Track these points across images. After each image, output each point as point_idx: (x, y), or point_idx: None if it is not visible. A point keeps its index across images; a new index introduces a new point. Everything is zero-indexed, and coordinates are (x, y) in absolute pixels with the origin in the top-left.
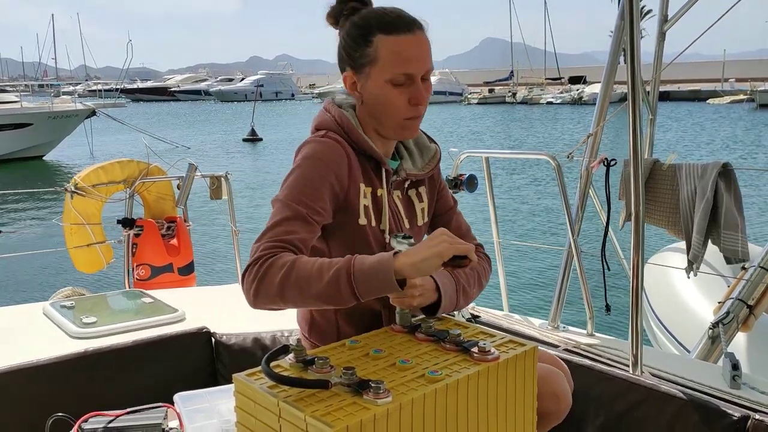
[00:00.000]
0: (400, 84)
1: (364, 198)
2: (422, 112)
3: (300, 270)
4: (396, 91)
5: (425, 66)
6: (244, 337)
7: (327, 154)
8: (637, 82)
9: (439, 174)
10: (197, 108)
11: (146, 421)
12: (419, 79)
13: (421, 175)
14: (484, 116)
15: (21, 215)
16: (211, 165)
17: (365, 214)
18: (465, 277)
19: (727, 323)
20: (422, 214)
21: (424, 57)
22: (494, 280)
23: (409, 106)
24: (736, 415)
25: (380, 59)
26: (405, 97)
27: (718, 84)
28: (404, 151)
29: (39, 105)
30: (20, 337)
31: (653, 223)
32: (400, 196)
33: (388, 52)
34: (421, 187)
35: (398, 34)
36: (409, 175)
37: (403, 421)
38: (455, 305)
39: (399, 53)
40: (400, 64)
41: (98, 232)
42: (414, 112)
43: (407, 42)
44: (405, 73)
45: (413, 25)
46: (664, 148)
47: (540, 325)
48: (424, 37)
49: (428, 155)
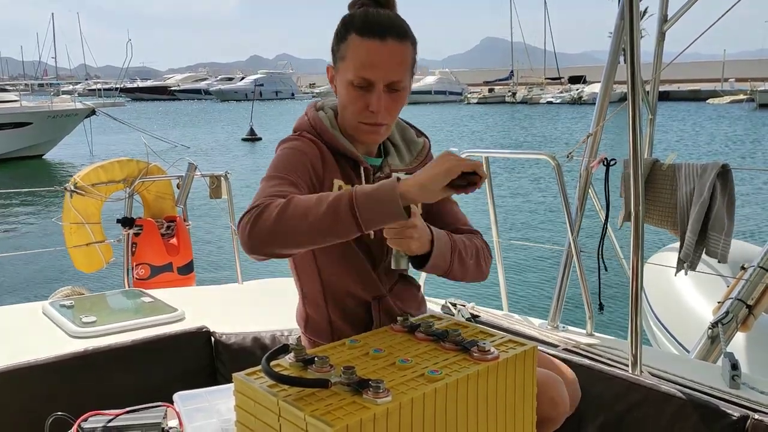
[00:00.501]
0: (360, 87)
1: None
2: (381, 121)
3: (298, 202)
4: (355, 93)
5: (387, 75)
6: (243, 336)
7: (302, 147)
8: (636, 81)
9: None
10: (197, 107)
11: (146, 420)
12: (380, 87)
13: (409, 170)
14: (483, 116)
15: (20, 214)
16: (210, 164)
17: None
18: (463, 245)
19: (726, 323)
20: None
21: (387, 66)
22: (494, 279)
23: (367, 112)
24: (736, 415)
25: (347, 58)
26: (363, 102)
27: (717, 84)
28: (391, 147)
29: (38, 104)
30: (20, 337)
31: (652, 224)
32: None
33: (353, 53)
34: None
35: (368, 38)
36: (394, 171)
37: (403, 420)
38: (448, 265)
39: (362, 56)
40: (360, 68)
41: (98, 232)
42: (371, 118)
43: (374, 47)
44: (363, 77)
45: (387, 33)
46: (665, 148)
47: (540, 324)
48: (397, 47)
49: (416, 149)
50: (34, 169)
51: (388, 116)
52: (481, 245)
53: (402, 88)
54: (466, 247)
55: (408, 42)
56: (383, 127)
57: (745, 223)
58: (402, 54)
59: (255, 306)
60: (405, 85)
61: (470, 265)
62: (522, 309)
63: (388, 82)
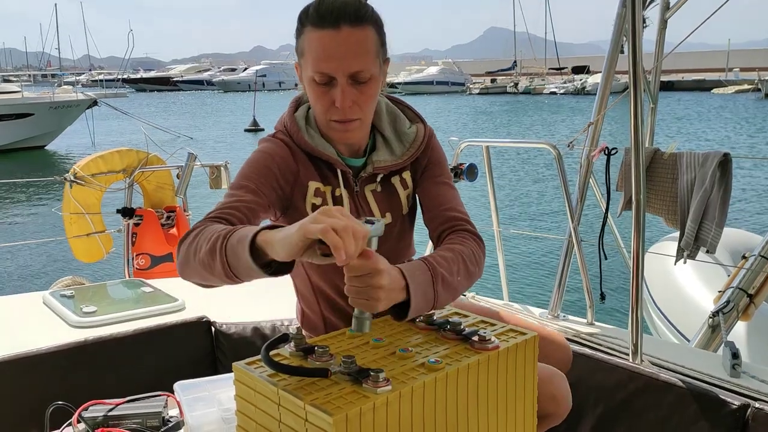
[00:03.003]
0: (323, 83)
1: (313, 197)
2: (351, 116)
3: (204, 233)
4: (319, 90)
5: (347, 66)
6: (243, 326)
7: (272, 149)
8: (638, 70)
9: (432, 151)
10: (199, 98)
11: (146, 409)
12: (343, 80)
13: (400, 163)
14: (484, 106)
15: (21, 205)
16: (212, 155)
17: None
18: (446, 264)
19: (727, 312)
20: (407, 200)
21: (345, 56)
22: (494, 269)
23: (334, 108)
24: (736, 404)
25: (306, 53)
26: (328, 98)
27: (722, 74)
28: (380, 141)
29: (40, 95)
30: (20, 326)
31: (650, 212)
32: (378, 190)
33: (309, 47)
34: (405, 173)
35: (321, 28)
36: (379, 168)
37: (403, 409)
38: (433, 303)
39: (317, 49)
40: (317, 62)
41: (98, 222)
42: (338, 115)
43: (328, 38)
44: (322, 72)
45: (341, 20)
46: (665, 138)
47: (540, 314)
48: (354, 33)
49: (407, 140)
50: (35, 159)
51: (358, 110)
52: (468, 247)
53: (368, 77)
54: (450, 265)
55: (367, 25)
56: (355, 122)
57: (747, 212)
58: (360, 40)
59: (255, 296)
60: (372, 73)
61: (459, 281)
62: (522, 298)
63: (349, 73)
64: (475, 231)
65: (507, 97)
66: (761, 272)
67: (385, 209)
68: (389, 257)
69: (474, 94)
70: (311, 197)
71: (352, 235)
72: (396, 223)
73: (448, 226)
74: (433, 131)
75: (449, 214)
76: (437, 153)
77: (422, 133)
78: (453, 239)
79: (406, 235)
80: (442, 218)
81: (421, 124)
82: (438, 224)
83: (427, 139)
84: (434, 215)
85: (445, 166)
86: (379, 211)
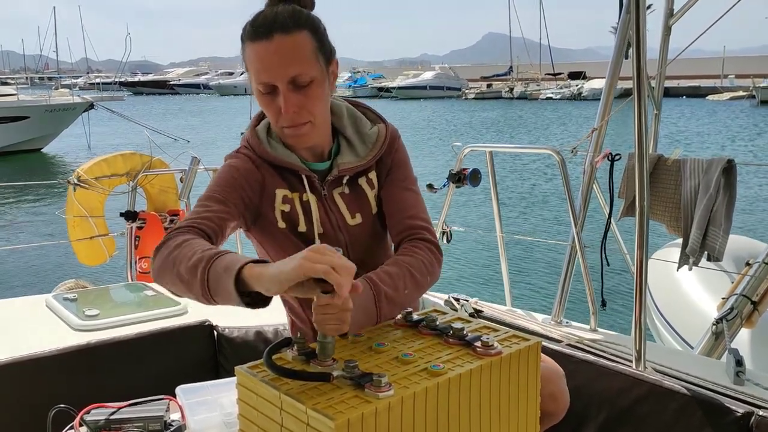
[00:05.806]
0: (267, 93)
1: (282, 204)
2: (299, 120)
3: (185, 247)
4: (265, 100)
5: (284, 73)
6: (246, 330)
7: (237, 163)
8: (642, 76)
9: (397, 152)
10: (196, 102)
11: (148, 413)
12: (283, 87)
13: (365, 164)
14: (478, 111)
15: (23, 208)
16: (210, 158)
17: (286, 219)
18: (389, 281)
19: (730, 319)
20: (375, 200)
21: (280, 63)
22: (497, 275)
23: (282, 115)
24: (740, 411)
25: (248, 68)
26: (275, 107)
27: (717, 80)
28: (344, 144)
29: (36, 98)
30: (23, 329)
31: (652, 218)
32: (346, 192)
33: (249, 60)
34: (371, 173)
35: (256, 41)
36: (344, 170)
37: (405, 414)
38: (376, 318)
39: (254, 62)
40: (257, 73)
41: (101, 225)
42: (287, 120)
43: (262, 49)
44: (263, 83)
45: (273, 30)
46: (665, 144)
47: (543, 320)
48: (286, 40)
49: (370, 141)
50: (32, 162)
51: (307, 114)
52: (418, 257)
53: (309, 80)
54: (394, 281)
55: (301, 30)
56: (305, 126)
57: (751, 219)
58: (293, 46)
59: None
60: (312, 76)
61: (407, 294)
62: (525, 305)
63: (288, 79)
64: (431, 239)
65: (502, 103)
66: (765, 279)
67: (355, 210)
68: (366, 257)
69: (470, 99)
70: (280, 204)
71: (347, 273)
72: (367, 223)
73: (406, 235)
74: (396, 132)
75: (409, 222)
76: (401, 154)
77: (383, 133)
78: (405, 250)
79: (380, 235)
80: (402, 226)
81: (382, 125)
82: (398, 232)
83: (390, 139)
84: (395, 222)
85: (410, 169)
86: (348, 212)
